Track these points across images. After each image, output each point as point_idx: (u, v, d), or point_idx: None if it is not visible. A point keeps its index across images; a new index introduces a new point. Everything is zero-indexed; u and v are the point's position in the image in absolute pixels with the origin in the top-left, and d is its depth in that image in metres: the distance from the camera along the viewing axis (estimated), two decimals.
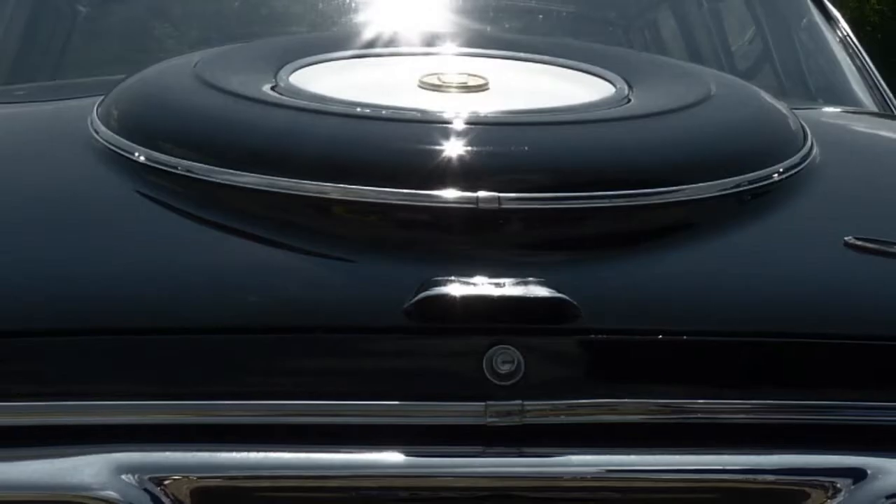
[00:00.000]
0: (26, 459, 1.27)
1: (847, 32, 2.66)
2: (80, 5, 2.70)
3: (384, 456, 1.29)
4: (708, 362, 1.38)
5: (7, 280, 1.42)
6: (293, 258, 1.42)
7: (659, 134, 1.58)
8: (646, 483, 1.33)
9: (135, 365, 1.35)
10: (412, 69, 1.71)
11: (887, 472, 1.30)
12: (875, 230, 1.48)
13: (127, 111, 1.58)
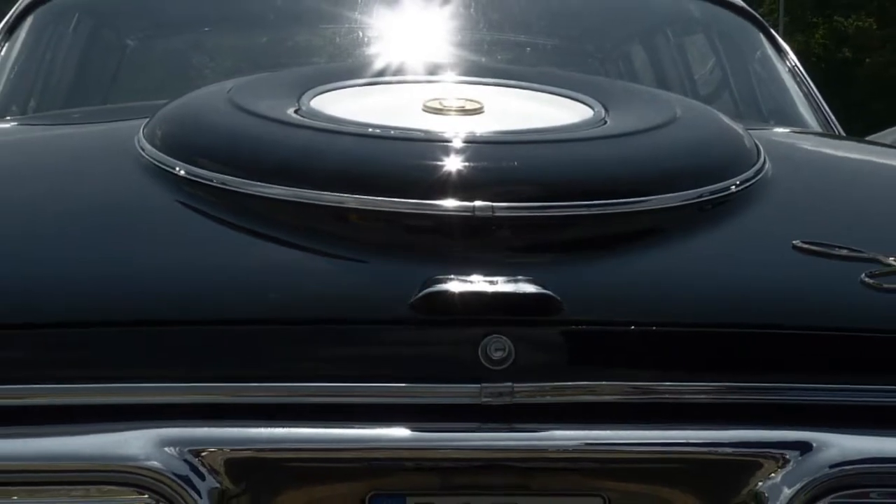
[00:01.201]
0: (82, 434, 1.26)
1: (795, 63, 2.67)
2: (128, 39, 2.70)
3: (391, 431, 1.29)
4: (674, 349, 1.38)
5: (69, 277, 1.42)
6: (313, 259, 1.42)
7: (631, 151, 1.58)
8: (620, 455, 1.32)
9: (176, 352, 1.35)
10: (417, 95, 1.71)
11: (830, 445, 1.29)
12: (820, 235, 1.48)
13: (169, 131, 1.58)
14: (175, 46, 2.76)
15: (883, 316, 1.42)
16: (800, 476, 1.28)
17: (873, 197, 1.80)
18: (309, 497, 1.31)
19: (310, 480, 1.31)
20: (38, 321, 1.37)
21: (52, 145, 1.97)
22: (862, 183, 1.90)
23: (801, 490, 1.28)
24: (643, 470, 1.34)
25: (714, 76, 2.68)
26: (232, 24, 2.74)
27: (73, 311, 1.38)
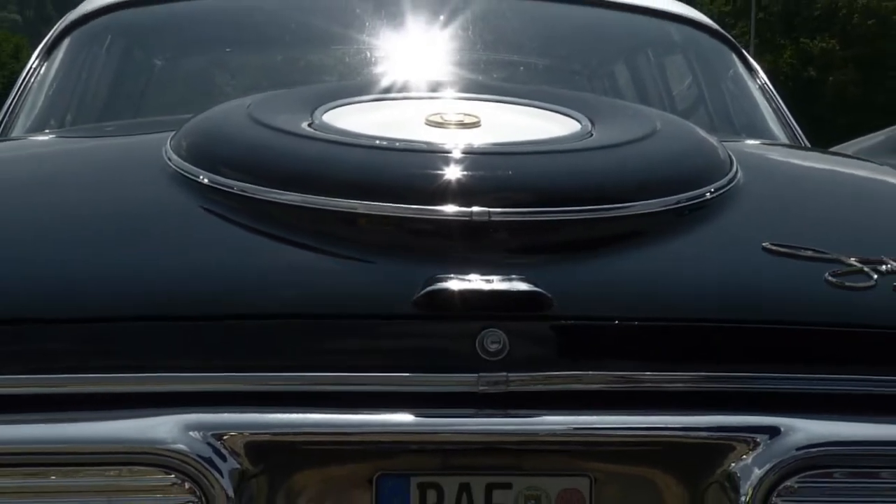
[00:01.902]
0: (115, 420, 1.27)
1: (765, 81, 2.67)
2: (156, 59, 2.70)
3: (396, 417, 1.29)
4: (655, 342, 1.38)
5: (105, 276, 1.42)
6: (324, 260, 1.42)
7: (615, 161, 1.58)
8: (605, 438, 1.33)
9: (200, 345, 1.35)
10: (419, 110, 1.71)
11: (797, 430, 1.30)
12: (788, 238, 1.48)
13: (193, 143, 1.58)
14: (199, 65, 2.77)
15: (845, 312, 1.43)
16: (769, 458, 1.29)
17: (837, 203, 1.81)
18: (321, 477, 1.31)
19: (322, 462, 1.31)
20: (76, 317, 1.37)
21: (87, 156, 1.98)
22: (826, 190, 1.90)
23: (770, 471, 1.28)
24: (626, 452, 1.34)
25: (691, 93, 2.68)
26: (251, 46, 2.75)
27: (107, 307, 1.38)
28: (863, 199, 1.83)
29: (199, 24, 2.68)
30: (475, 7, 2.57)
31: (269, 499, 1.29)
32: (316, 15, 2.60)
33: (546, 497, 1.31)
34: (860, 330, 1.42)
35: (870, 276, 1.43)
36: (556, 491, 1.31)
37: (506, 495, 1.30)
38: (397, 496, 1.30)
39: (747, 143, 2.15)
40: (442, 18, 2.54)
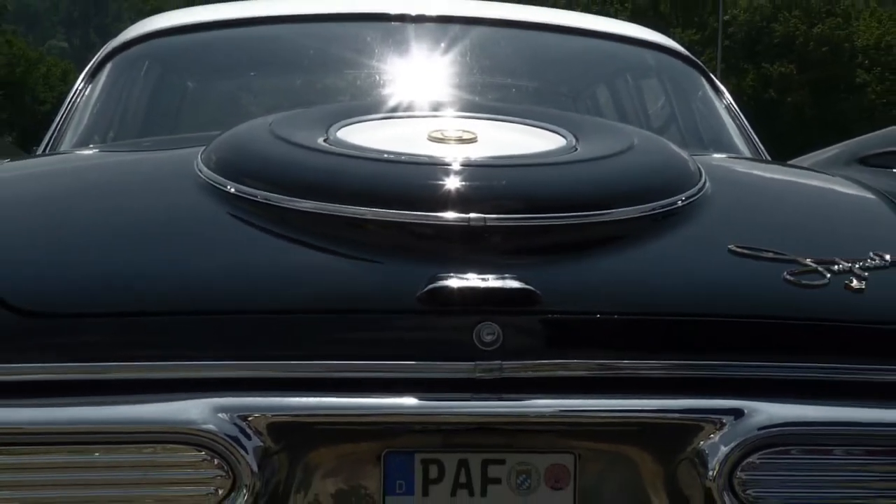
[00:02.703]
0: (151, 403, 1.27)
1: (730, 101, 2.67)
2: (188, 82, 2.71)
3: (402, 400, 1.29)
4: (633, 333, 1.39)
5: (143, 273, 1.42)
6: (337, 260, 1.42)
7: (597, 173, 1.58)
8: (588, 419, 1.33)
9: (226, 336, 1.35)
10: (423, 127, 1.71)
11: (759, 412, 1.30)
12: (751, 241, 1.48)
13: (221, 157, 1.58)
14: (226, 87, 2.77)
15: (801, 307, 1.43)
16: (734, 437, 1.29)
17: (794, 210, 1.81)
18: (334, 454, 1.31)
19: (335, 440, 1.31)
20: (118, 311, 1.38)
21: (126, 168, 1.98)
22: (785, 199, 1.90)
23: (735, 448, 1.28)
24: (607, 432, 1.34)
25: (664, 112, 2.68)
26: (272, 70, 2.75)
27: (145, 302, 1.39)
28: (818, 207, 1.83)
29: (226, 51, 2.68)
30: (472, 36, 2.57)
31: (288, 473, 1.28)
32: (330, 43, 2.61)
33: (535, 472, 1.31)
34: (815, 323, 1.43)
35: (823, 275, 1.43)
36: (545, 466, 1.31)
37: (500, 470, 1.30)
38: (403, 471, 1.30)
39: (715, 157, 2.15)
40: (443, 46, 2.54)
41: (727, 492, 1.29)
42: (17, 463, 1.27)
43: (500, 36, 2.68)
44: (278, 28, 2.68)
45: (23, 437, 1.27)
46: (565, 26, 2.82)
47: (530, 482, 1.31)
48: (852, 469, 1.34)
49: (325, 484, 1.31)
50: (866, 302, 1.43)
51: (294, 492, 1.29)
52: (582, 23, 2.91)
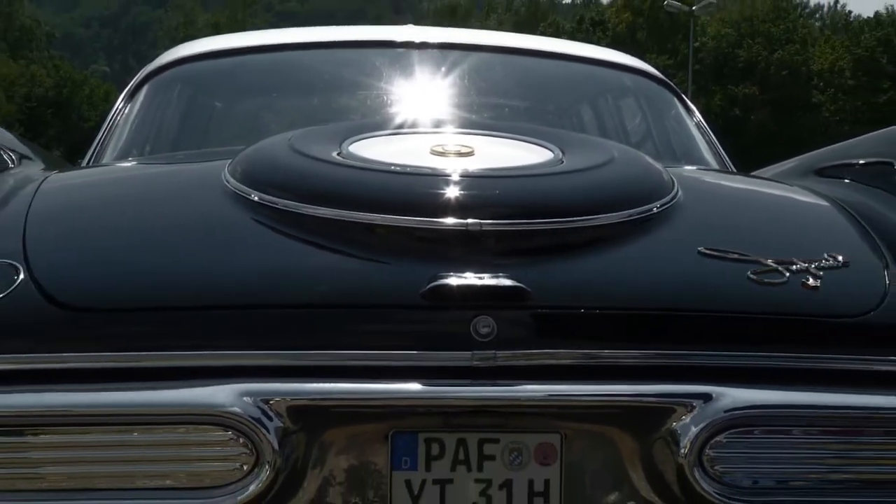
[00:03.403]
0: (183, 388, 1.27)
1: (700, 119, 2.66)
2: (216, 102, 2.70)
3: (407, 386, 1.29)
4: (613, 325, 1.38)
5: (177, 272, 1.43)
6: (349, 261, 1.42)
7: (581, 183, 1.57)
8: (573, 403, 1.33)
9: (250, 328, 1.35)
10: (425, 142, 1.70)
11: (725, 396, 1.30)
12: (719, 243, 1.48)
13: (246, 168, 1.58)
14: (250, 107, 2.77)
15: (763, 302, 1.43)
16: (703, 418, 1.29)
17: (758, 216, 1.80)
18: (346, 434, 1.31)
19: (347, 421, 1.31)
20: (154, 306, 1.38)
21: (162, 178, 1.98)
22: (750, 206, 1.90)
23: (704, 428, 1.28)
24: (591, 414, 1.33)
25: (641, 128, 2.68)
26: (292, 91, 2.74)
27: (178, 298, 1.39)
28: (778, 213, 1.83)
29: (250, 74, 2.68)
30: (469, 60, 2.57)
31: (305, 451, 1.28)
32: (343, 67, 2.61)
33: (526, 449, 1.31)
34: (775, 317, 1.42)
35: (783, 274, 1.44)
36: (534, 444, 1.31)
37: (494, 448, 1.30)
38: (408, 449, 1.30)
39: (686, 169, 2.14)
40: (443, 69, 2.54)
41: (697, 468, 1.29)
42: (66, 442, 1.27)
43: (494, 61, 2.68)
44: (296, 54, 2.68)
45: (71, 419, 1.27)
46: (552, 52, 2.82)
47: (521, 459, 1.31)
48: (808, 447, 1.34)
49: (339, 460, 1.30)
50: (820, 298, 1.43)
51: (311, 467, 1.29)
52: (567, 49, 2.92)
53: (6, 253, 1.40)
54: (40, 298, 1.33)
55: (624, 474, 1.33)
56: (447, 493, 1.30)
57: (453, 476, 1.30)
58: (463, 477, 1.30)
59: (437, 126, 2.08)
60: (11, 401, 1.27)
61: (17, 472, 1.27)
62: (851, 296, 1.46)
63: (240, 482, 1.25)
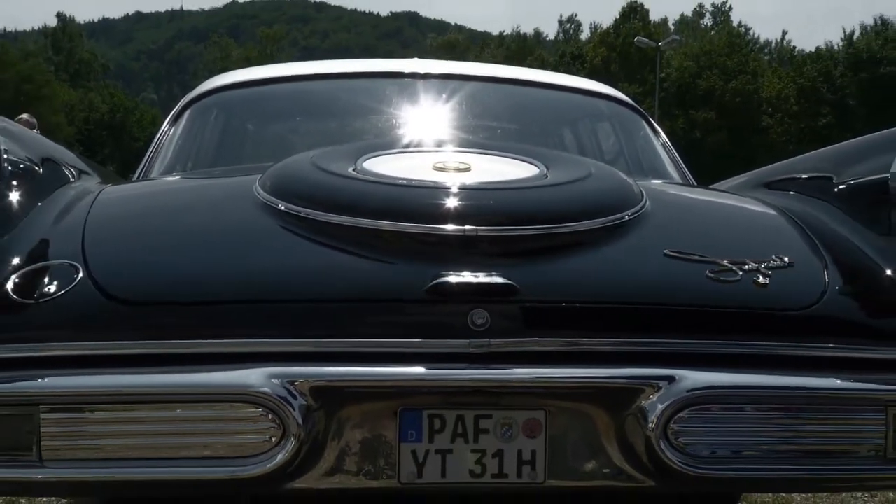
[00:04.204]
0: (221, 371, 1.27)
1: (665, 139, 2.66)
2: (248, 125, 2.70)
3: (413, 369, 1.29)
4: (591, 317, 1.38)
5: (214, 271, 1.43)
6: (362, 262, 1.41)
7: (563, 194, 1.57)
8: (557, 384, 1.32)
9: (278, 320, 1.35)
10: (429, 159, 1.70)
11: (686, 378, 1.30)
12: (681, 246, 1.48)
13: (274, 182, 1.58)
14: (277, 129, 2.76)
15: (720, 297, 1.42)
16: (668, 397, 1.29)
17: (715, 223, 1.80)
18: (361, 411, 1.30)
19: (362, 400, 1.31)
20: (195, 300, 1.38)
21: (201, 191, 1.97)
22: (708, 214, 1.90)
23: (669, 406, 1.28)
24: (571, 393, 1.33)
25: (614, 147, 2.67)
26: (314, 116, 2.74)
27: (216, 293, 1.39)
28: (732, 220, 1.82)
29: (277, 100, 2.68)
30: (466, 89, 2.57)
31: (325, 426, 1.28)
32: (357, 95, 2.60)
33: (515, 424, 1.31)
34: (730, 310, 1.42)
35: (736, 273, 1.43)
36: (522, 420, 1.31)
37: (488, 423, 1.30)
38: (414, 423, 1.30)
39: (653, 182, 2.14)
40: (443, 97, 2.54)
41: (663, 440, 1.29)
42: (118, 417, 1.27)
43: (488, 89, 2.68)
44: (317, 83, 2.68)
45: (123, 398, 1.27)
46: (538, 81, 2.82)
47: (511, 432, 1.31)
48: (758, 422, 1.34)
49: (354, 433, 1.30)
50: (769, 294, 1.43)
51: (330, 439, 1.29)
52: (550, 79, 2.91)
53: (68, 254, 1.40)
54: (97, 294, 1.34)
55: (600, 445, 1.33)
56: (447, 462, 1.30)
57: (453, 447, 1.30)
58: (461, 447, 1.30)
59: (438, 145, 2.07)
60: (72, 382, 1.27)
61: (78, 444, 1.27)
62: (795, 292, 1.46)
63: (269, 452, 1.25)
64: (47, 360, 1.29)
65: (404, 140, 2.27)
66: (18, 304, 1.33)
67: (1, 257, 1.40)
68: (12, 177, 1.53)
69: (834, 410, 1.36)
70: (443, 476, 1.30)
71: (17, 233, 1.47)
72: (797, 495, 2.72)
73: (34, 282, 1.36)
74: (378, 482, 1.31)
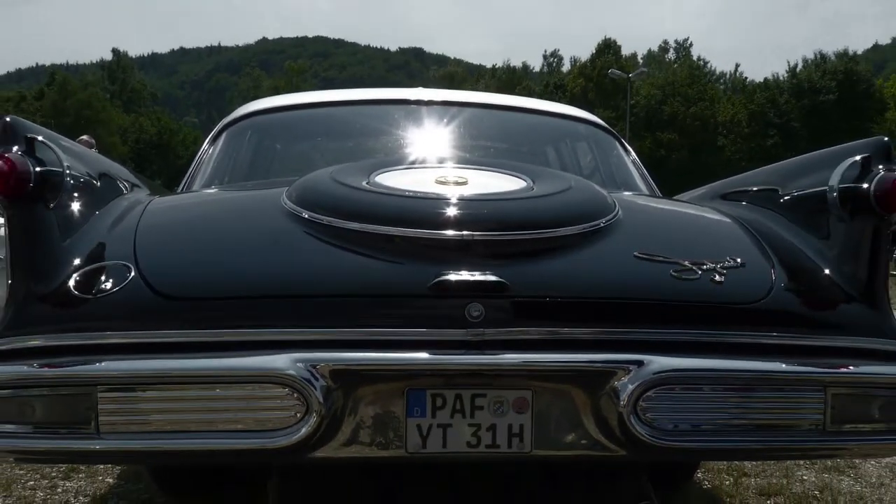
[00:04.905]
0: (253, 356, 1.27)
1: (635, 157, 2.65)
2: (276, 144, 2.69)
3: (418, 355, 1.29)
4: (572, 310, 1.37)
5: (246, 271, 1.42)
6: (374, 262, 1.41)
7: (547, 204, 1.56)
8: (542, 368, 1.32)
9: (303, 312, 1.34)
10: (431, 174, 1.70)
11: (653, 362, 1.30)
12: (649, 248, 1.47)
13: (299, 194, 1.57)
14: (302, 148, 2.75)
15: (682, 293, 1.42)
16: (637, 379, 1.29)
17: (678, 228, 1.80)
18: (374, 390, 1.30)
19: (374, 381, 1.30)
20: (230, 296, 1.37)
21: (236, 201, 1.97)
22: (671, 221, 1.89)
23: (638, 386, 1.28)
24: (555, 375, 1.33)
25: (591, 164, 2.66)
26: (333, 136, 2.73)
27: (248, 290, 1.38)
28: (693, 227, 1.82)
29: (301, 124, 2.67)
30: (464, 114, 2.56)
31: (343, 403, 1.28)
32: (370, 119, 2.60)
33: (506, 402, 1.31)
34: (691, 304, 1.42)
35: (696, 272, 1.43)
36: (512, 398, 1.31)
37: (482, 400, 1.30)
38: (419, 401, 1.30)
39: (625, 194, 2.13)
40: (444, 120, 2.53)
41: (633, 415, 1.29)
42: (164, 396, 1.27)
43: (482, 114, 2.67)
44: (336, 109, 2.67)
45: (168, 379, 1.27)
46: (525, 107, 2.81)
47: (503, 409, 1.31)
48: (714, 400, 1.34)
49: (367, 409, 1.30)
50: (724, 290, 1.43)
51: (347, 415, 1.29)
52: (536, 105, 2.90)
53: (122, 256, 1.40)
54: (147, 290, 1.34)
55: (578, 420, 1.33)
56: (448, 434, 1.30)
57: (452, 421, 1.30)
58: (459, 422, 1.30)
59: (440, 162, 2.07)
60: (125, 366, 1.27)
61: (130, 419, 1.27)
62: (747, 288, 1.45)
63: (294, 426, 1.25)
64: (104, 347, 1.29)
65: (411, 157, 2.26)
66: (79, 299, 1.34)
67: (64, 258, 1.40)
68: (73, 189, 1.53)
69: (780, 390, 1.36)
70: (444, 446, 1.30)
71: (77, 237, 1.47)
72: (748, 463, 2.72)
73: (92, 280, 1.36)
74: (388, 451, 1.31)
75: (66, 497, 2.41)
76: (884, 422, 1.38)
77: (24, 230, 1.40)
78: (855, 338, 1.44)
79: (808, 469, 2.77)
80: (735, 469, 2.70)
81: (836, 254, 1.56)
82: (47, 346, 1.30)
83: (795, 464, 2.80)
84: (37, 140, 1.49)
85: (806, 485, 2.62)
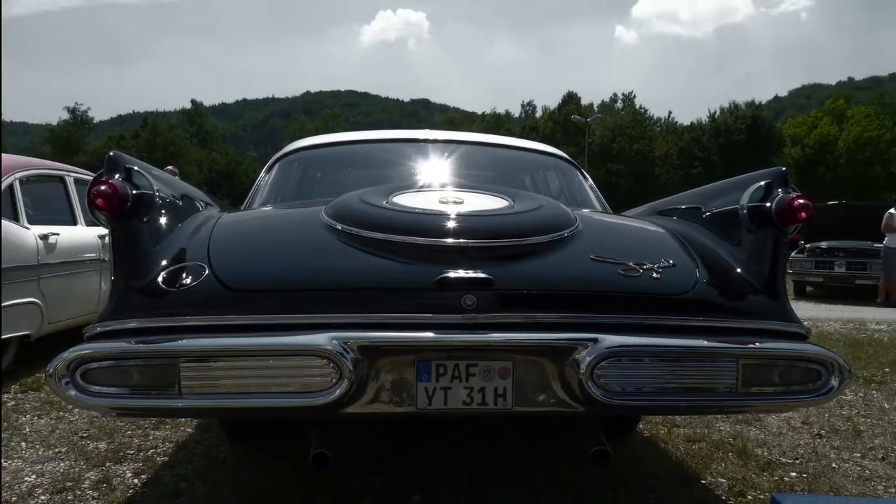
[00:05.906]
0: (298, 336, 1.26)
1: (592, 183, 2.65)
2: (317, 173, 2.69)
3: (425, 334, 1.28)
4: (543, 301, 1.36)
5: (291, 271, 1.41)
6: (391, 264, 1.40)
7: (524, 218, 1.56)
8: (520, 345, 1.31)
9: (336, 302, 1.33)
10: (435, 196, 1.69)
11: (605, 340, 1.30)
12: (602, 253, 1.47)
13: (335, 211, 1.57)
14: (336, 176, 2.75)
15: (627, 287, 1.41)
16: (593, 352, 1.28)
17: (625, 238, 1.79)
18: (391, 361, 1.30)
19: (392, 354, 1.30)
20: (281, 289, 1.36)
21: (286, 216, 1.97)
22: (619, 232, 1.88)
23: (594, 358, 1.28)
24: (530, 350, 1.32)
25: (558, 188, 2.65)
26: (360, 167, 2.72)
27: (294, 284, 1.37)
28: (636, 236, 1.81)
29: (336, 157, 2.68)
30: (461, 149, 2.57)
31: (367, 371, 1.28)
32: (389, 153, 2.60)
33: (493, 370, 1.31)
34: (634, 295, 1.41)
35: (638, 271, 1.43)
36: (497, 367, 1.31)
37: (475, 369, 1.30)
38: (426, 370, 1.30)
39: (583, 211, 2.13)
40: (446, 154, 2.54)
41: (590, 380, 1.29)
42: (230, 366, 1.27)
43: (475, 149, 2.68)
44: (362, 146, 2.68)
45: (233, 353, 1.27)
46: (507, 144, 2.83)
47: (490, 375, 1.31)
48: (653, 369, 1.33)
49: (387, 376, 1.30)
50: (659, 284, 1.42)
51: (371, 380, 1.29)
52: (515, 143, 2.91)
53: (199, 258, 1.41)
54: (218, 285, 1.34)
55: (548, 384, 1.33)
56: (448, 395, 1.30)
57: (451, 385, 1.30)
58: (457, 385, 1.30)
59: (442, 186, 2.06)
60: (201, 343, 1.27)
61: (205, 383, 1.27)
62: (677, 283, 1.45)
63: (330, 389, 1.25)
64: (184, 328, 1.29)
65: (420, 183, 2.26)
66: (164, 291, 1.34)
67: (154, 260, 1.41)
68: (161, 206, 1.54)
69: (702, 361, 1.36)
70: (445, 404, 1.30)
71: (165, 244, 1.48)
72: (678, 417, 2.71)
73: (175, 276, 1.37)
74: (402, 408, 1.31)
75: (156, 443, 2.41)
76: (782, 385, 1.38)
77: (123, 239, 1.42)
78: (760, 321, 1.44)
79: (724, 422, 2.77)
80: (668, 422, 2.71)
81: (746, 257, 1.56)
82: (141, 327, 1.30)
83: (714, 418, 2.80)
84: (133, 169, 1.51)
85: (723, 434, 2.62)
